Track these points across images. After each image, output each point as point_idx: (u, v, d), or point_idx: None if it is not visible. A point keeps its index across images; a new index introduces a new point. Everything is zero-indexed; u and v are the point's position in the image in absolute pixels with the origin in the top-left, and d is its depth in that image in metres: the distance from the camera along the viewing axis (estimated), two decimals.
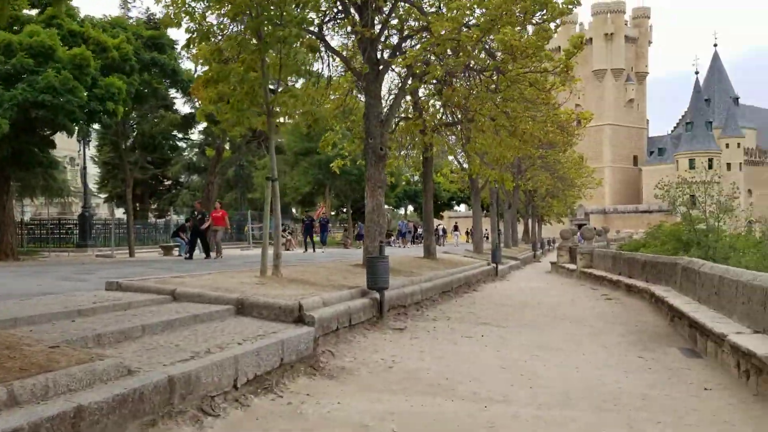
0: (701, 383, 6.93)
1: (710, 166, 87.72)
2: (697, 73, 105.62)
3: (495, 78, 12.28)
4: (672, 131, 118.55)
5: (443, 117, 16.28)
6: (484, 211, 41.00)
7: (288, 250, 28.76)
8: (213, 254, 19.92)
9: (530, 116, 14.63)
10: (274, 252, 9.98)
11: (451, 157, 26.15)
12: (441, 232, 53.48)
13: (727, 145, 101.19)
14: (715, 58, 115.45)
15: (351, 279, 10.70)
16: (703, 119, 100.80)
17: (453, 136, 18.28)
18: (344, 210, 56.80)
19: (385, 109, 13.34)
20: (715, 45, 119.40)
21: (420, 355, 7.80)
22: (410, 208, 66.78)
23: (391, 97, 14.26)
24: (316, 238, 29.13)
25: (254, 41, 9.43)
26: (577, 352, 8.65)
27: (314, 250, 26.79)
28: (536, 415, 5.57)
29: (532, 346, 8.89)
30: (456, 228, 58.46)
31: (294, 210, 56.64)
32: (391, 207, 56.91)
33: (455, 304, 13.28)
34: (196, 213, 20.27)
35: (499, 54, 11.78)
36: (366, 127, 12.74)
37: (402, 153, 18.30)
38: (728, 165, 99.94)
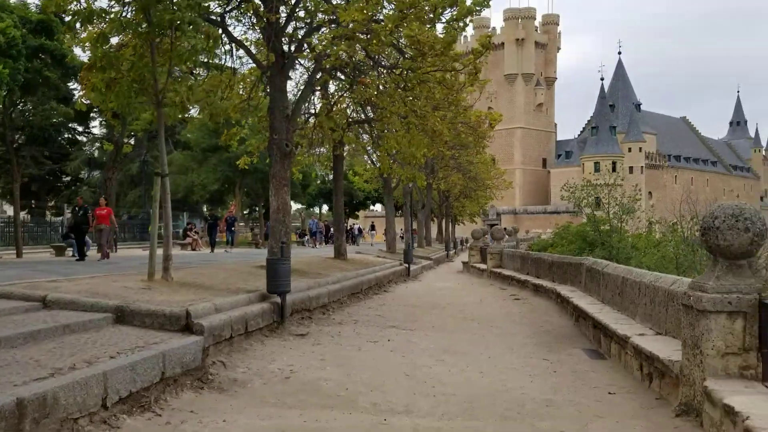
0: (606, 387, 6.81)
1: (614, 169, 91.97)
2: (602, 79, 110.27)
3: (404, 75, 11.97)
4: (578, 135, 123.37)
5: (355, 114, 15.88)
6: (398, 211, 41.01)
7: (194, 250, 27.59)
8: (98, 255, 18.01)
9: (440, 116, 14.44)
10: (163, 253, 9.25)
11: (365, 156, 25.82)
12: (357, 232, 53.21)
13: (630, 149, 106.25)
14: (620, 65, 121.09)
15: (252, 282, 10.10)
16: (608, 124, 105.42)
17: (366, 135, 17.94)
18: (256, 209, 55.53)
19: (291, 104, 12.78)
20: (620, 53, 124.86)
21: (321, 363, 7.33)
22: (324, 207, 66.19)
23: (299, 92, 13.69)
24: (224, 239, 28.02)
25: (145, 25, 8.69)
26: (484, 355, 8.44)
27: (212, 250, 25.50)
28: (437, 428, 5.23)
29: (439, 349, 8.61)
30: (373, 227, 58.37)
31: (204, 208, 54.82)
32: (304, 206, 56.11)
33: (364, 306, 12.90)
34: (77, 209, 18.55)
35: (408, 52, 11.48)
36: (270, 122, 12.14)
37: (313, 151, 17.76)
38: (630, 168, 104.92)
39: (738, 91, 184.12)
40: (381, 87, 12.38)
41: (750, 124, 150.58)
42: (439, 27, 12.59)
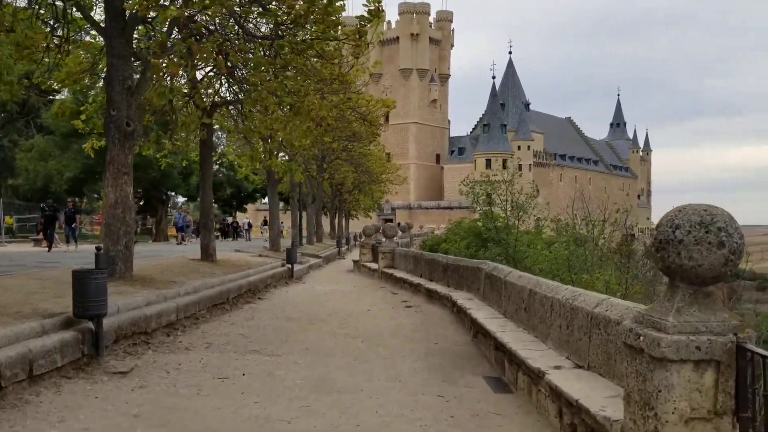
0: None
1: (504, 167, 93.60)
2: (493, 77, 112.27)
3: (276, 45, 9.92)
4: (471, 132, 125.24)
5: (223, 93, 13.67)
6: (282, 204, 38.72)
7: (49, 248, 24.08)
8: None
9: (323, 96, 12.50)
10: None
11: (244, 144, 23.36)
12: (247, 227, 50.40)
13: (519, 148, 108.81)
14: (510, 64, 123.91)
15: (68, 298, 7.74)
16: (499, 122, 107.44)
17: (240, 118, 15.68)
18: (136, 201, 51.25)
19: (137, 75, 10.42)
20: (510, 53, 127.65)
21: (131, 424, 5.22)
22: None
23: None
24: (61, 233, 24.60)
25: None
26: (365, 392, 6.61)
27: (50, 249, 22.01)
28: None
29: (309, 386, 6.70)
30: (265, 222, 55.36)
31: (77, 200, 49.89)
32: (185, 199, 52.36)
33: (227, 321, 10.77)
34: None
35: (278, 12, 9.44)
36: (108, 94, 9.76)
37: (177, 137, 15.31)
38: (520, 166, 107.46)
39: (618, 94, 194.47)
40: (248, 55, 10.25)
41: (629, 126, 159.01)
42: None
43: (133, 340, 7.87)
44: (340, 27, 10.14)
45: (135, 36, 10.63)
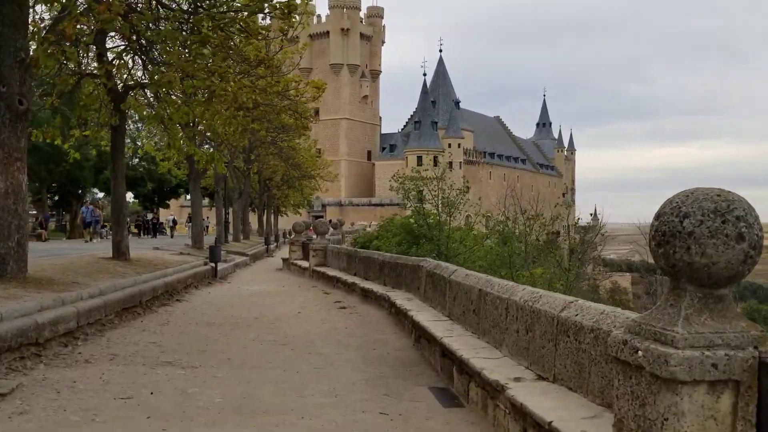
0: None
1: (435, 164, 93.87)
2: (425, 75, 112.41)
3: (193, 18, 8.80)
4: (402, 129, 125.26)
5: (138, 77, 12.34)
6: (207, 199, 37.04)
7: None
8: None
9: (249, 83, 11.42)
10: None
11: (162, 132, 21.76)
12: (171, 223, 48.23)
13: (450, 145, 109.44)
14: (441, 62, 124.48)
15: None
16: (430, 119, 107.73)
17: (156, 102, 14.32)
18: (51, 196, 48.16)
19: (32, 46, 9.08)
20: (441, 50, 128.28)
21: None
22: (129, 194, 59.61)
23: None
24: None
25: None
26: (295, 412, 5.69)
27: None
28: None
29: (227, 407, 5.72)
30: (190, 219, 53.15)
31: None
32: (103, 193, 49.59)
33: (139, 327, 9.58)
34: None
35: None
36: None
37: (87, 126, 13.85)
38: (450, 163, 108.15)
39: (544, 95, 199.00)
40: (157, 24, 9.07)
41: (554, 126, 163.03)
42: None
43: (21, 353, 6.66)
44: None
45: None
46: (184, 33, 8.74)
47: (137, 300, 10.64)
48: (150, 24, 8.90)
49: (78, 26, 9.44)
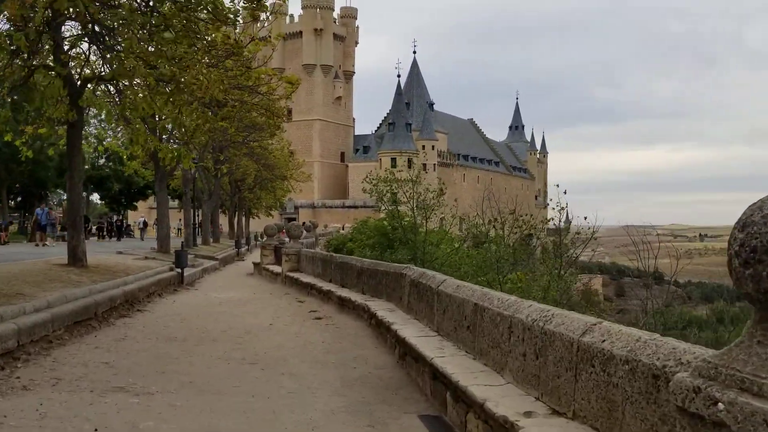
0: None
1: (410, 166, 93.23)
2: (398, 76, 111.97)
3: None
4: (376, 131, 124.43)
5: (95, 66, 11.33)
6: (177, 201, 35.77)
7: None
8: None
9: (217, 74, 10.48)
10: None
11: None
12: (142, 225, 46.94)
13: (424, 147, 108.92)
14: (414, 64, 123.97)
15: None
16: (404, 121, 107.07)
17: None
18: (12, 197, 46.35)
19: None
20: (414, 52, 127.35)
21: None
22: (96, 196, 57.86)
23: None
24: None
25: None
26: None
27: None
28: None
29: None
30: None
31: None
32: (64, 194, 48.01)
33: (92, 343, 8.59)
34: None
35: None
36: None
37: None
38: (424, 165, 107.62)
39: (517, 98, 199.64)
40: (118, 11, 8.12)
41: (527, 129, 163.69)
42: None
43: None
44: None
45: None
46: (142, 14, 7.81)
47: (92, 312, 9.65)
48: (105, 4, 7.94)
49: (25, 6, 8.44)
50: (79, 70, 11.57)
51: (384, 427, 5.64)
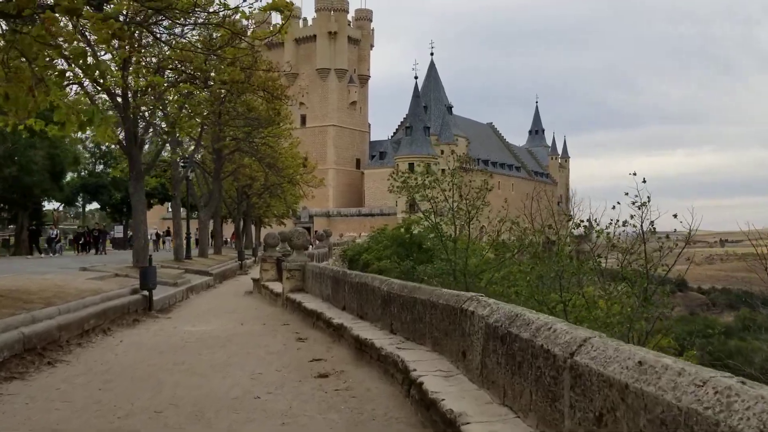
0: None
1: (427, 172, 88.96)
2: (416, 78, 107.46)
3: None
4: (392, 135, 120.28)
5: None
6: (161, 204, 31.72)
7: None
8: None
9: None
10: None
11: None
12: (155, 237, 43.72)
13: (442, 152, 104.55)
14: (432, 66, 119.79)
15: None
16: (422, 124, 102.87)
17: None
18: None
19: None
20: (432, 54, 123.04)
21: None
22: (93, 204, 54.16)
23: None
24: None
25: None
26: None
27: None
28: None
29: None
30: (168, 232, 47.48)
31: None
32: (61, 204, 44.32)
33: None
34: None
35: None
36: None
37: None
38: (443, 171, 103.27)
39: (536, 102, 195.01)
40: None
41: (547, 133, 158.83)
42: None
43: None
44: None
45: None
46: None
47: None
48: None
49: None
50: None
51: None
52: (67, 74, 7.14)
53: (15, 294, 9.31)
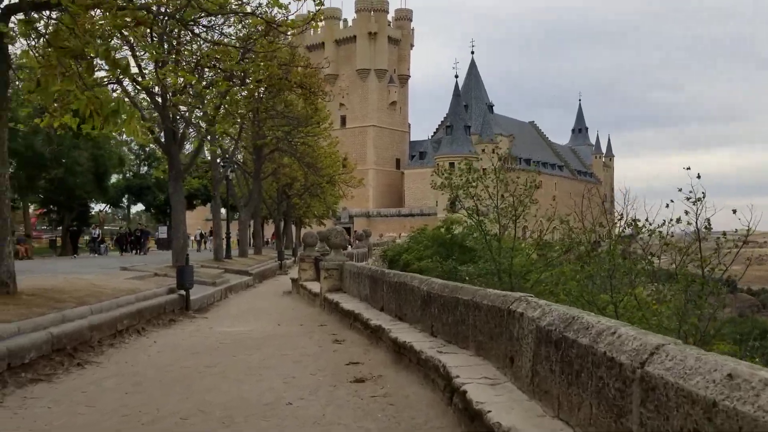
0: None
1: (469, 171, 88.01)
2: (456, 76, 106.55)
3: None
4: (433, 135, 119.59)
5: None
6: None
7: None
8: None
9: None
10: None
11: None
12: (199, 237, 44.43)
13: (484, 150, 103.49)
14: (473, 65, 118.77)
15: None
16: (462, 123, 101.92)
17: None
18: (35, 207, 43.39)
19: None
20: (472, 52, 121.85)
21: None
22: (138, 206, 55.00)
23: None
24: None
25: None
26: None
27: None
28: None
29: None
30: (212, 233, 48.19)
31: None
32: (106, 205, 45.05)
33: None
34: None
35: None
36: None
37: None
38: (484, 170, 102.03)
39: (580, 100, 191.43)
40: None
41: (591, 132, 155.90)
42: None
43: None
44: None
45: None
46: None
47: None
48: None
49: None
50: None
51: None
52: (96, 67, 6.88)
53: (48, 293, 9.18)
